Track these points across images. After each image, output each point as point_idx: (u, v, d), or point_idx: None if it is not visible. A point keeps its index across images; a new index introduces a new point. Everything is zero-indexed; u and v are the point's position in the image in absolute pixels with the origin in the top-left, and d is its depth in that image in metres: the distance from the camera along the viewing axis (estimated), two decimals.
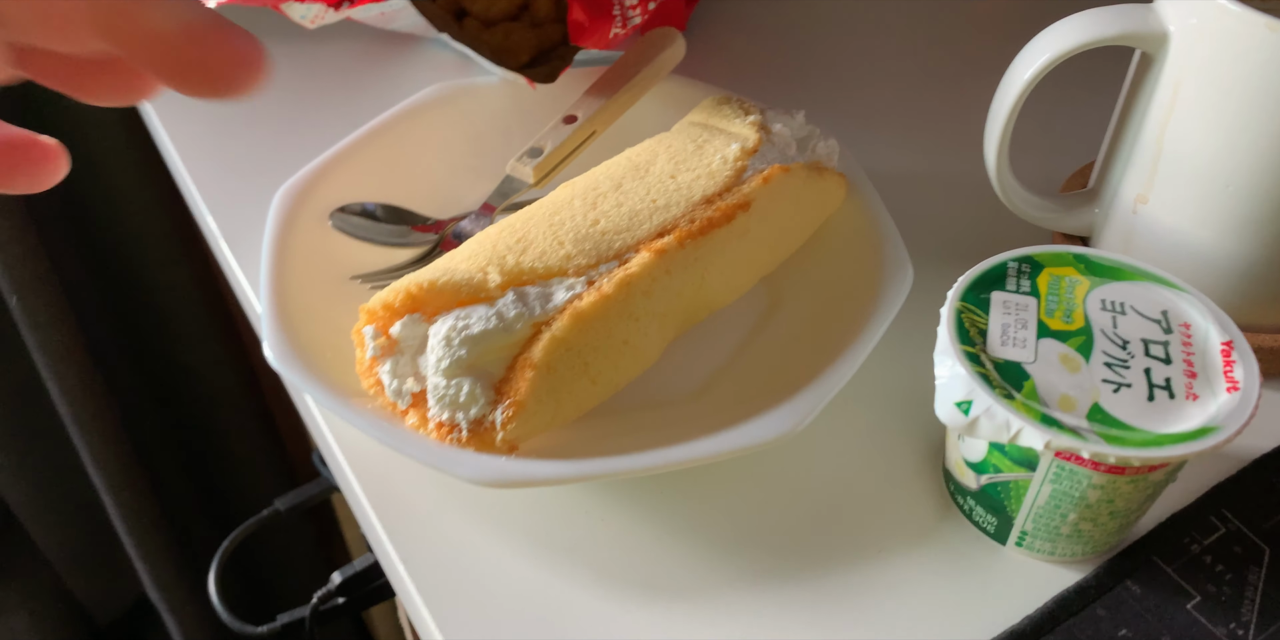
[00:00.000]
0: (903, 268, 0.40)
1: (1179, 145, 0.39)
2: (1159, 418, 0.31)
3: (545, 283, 0.35)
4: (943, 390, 0.32)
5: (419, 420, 0.33)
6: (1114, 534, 0.34)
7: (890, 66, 0.59)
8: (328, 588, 0.57)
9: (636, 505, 0.36)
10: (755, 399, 0.36)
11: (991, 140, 0.42)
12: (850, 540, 0.35)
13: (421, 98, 0.48)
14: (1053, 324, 0.33)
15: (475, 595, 0.33)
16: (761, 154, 0.41)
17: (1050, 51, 0.39)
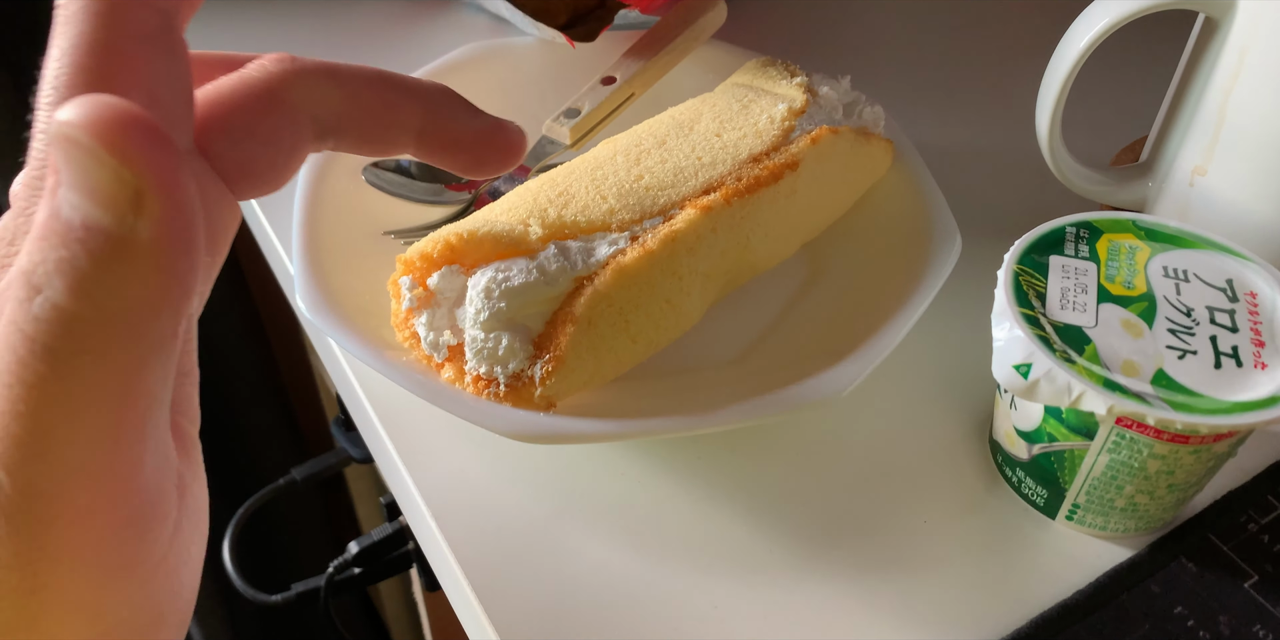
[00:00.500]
0: (950, 235, 0.39)
1: (1243, 114, 0.38)
2: (1226, 385, 0.29)
3: (587, 237, 0.34)
4: (1001, 352, 0.31)
5: (455, 374, 0.32)
6: (1169, 509, 0.33)
7: (934, 40, 0.58)
8: (344, 557, 0.56)
9: (675, 469, 0.35)
10: (799, 364, 0.35)
11: (1045, 108, 0.40)
12: (894, 510, 0.34)
13: (458, 56, 0.47)
14: (1113, 289, 0.32)
15: (508, 553, 0.32)
16: (809, 115, 0.40)
17: (1112, 14, 0.38)
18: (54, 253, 0.15)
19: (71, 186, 0.15)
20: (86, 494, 0.16)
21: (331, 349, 0.40)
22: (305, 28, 0.56)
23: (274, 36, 0.56)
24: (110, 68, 0.17)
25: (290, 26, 0.57)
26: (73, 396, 0.15)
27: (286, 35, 0.56)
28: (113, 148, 0.14)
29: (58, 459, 0.16)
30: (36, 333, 0.15)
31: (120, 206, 0.14)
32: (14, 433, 0.15)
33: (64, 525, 0.16)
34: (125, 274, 0.15)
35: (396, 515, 0.57)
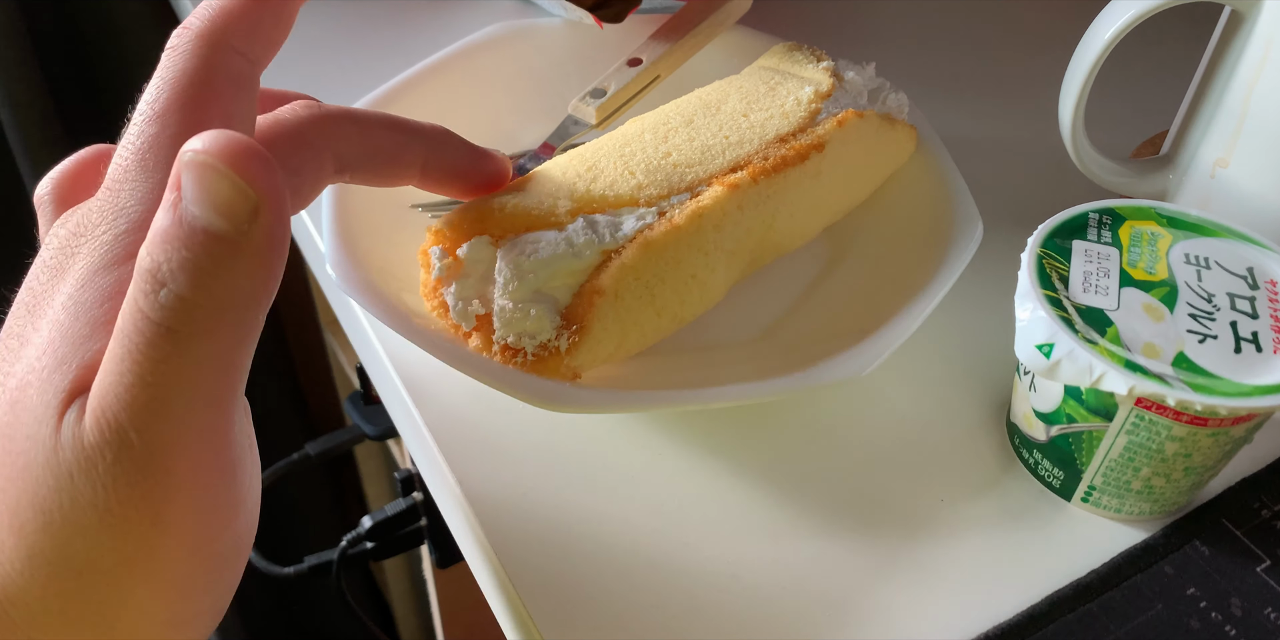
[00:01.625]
0: (972, 221, 0.39)
1: (1267, 107, 0.38)
2: (1246, 369, 0.30)
3: (615, 212, 0.34)
4: (1023, 332, 0.31)
5: (483, 343, 0.33)
6: (1185, 493, 0.33)
7: (958, 29, 0.58)
8: (357, 532, 0.56)
9: (696, 443, 0.35)
10: (821, 343, 0.35)
11: (1068, 99, 0.41)
12: (911, 489, 0.35)
13: (484, 35, 0.47)
14: (1135, 274, 0.33)
15: (532, 522, 0.33)
16: (835, 99, 0.40)
17: (1137, 7, 0.38)
18: (178, 253, 0.18)
19: (198, 201, 0.18)
20: (197, 446, 0.19)
21: (358, 321, 0.40)
22: (333, 7, 0.57)
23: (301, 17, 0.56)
24: (202, 100, 0.22)
25: (312, 11, 0.57)
26: (189, 369, 0.19)
27: (313, 16, 0.56)
28: (241, 171, 0.18)
29: (177, 419, 0.19)
30: (162, 318, 0.18)
31: (240, 217, 0.18)
32: (141, 399, 0.19)
33: (181, 472, 0.19)
34: (237, 270, 0.19)
35: (410, 491, 0.58)
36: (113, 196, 0.21)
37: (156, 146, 0.21)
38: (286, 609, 0.94)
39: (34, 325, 0.20)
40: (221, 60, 0.22)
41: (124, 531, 0.19)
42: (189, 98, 0.22)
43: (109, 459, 0.19)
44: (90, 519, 0.19)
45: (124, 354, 0.19)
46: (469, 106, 0.46)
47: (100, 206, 0.21)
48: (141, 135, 0.22)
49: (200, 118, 0.22)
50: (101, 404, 0.19)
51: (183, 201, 0.18)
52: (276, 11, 0.24)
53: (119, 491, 0.19)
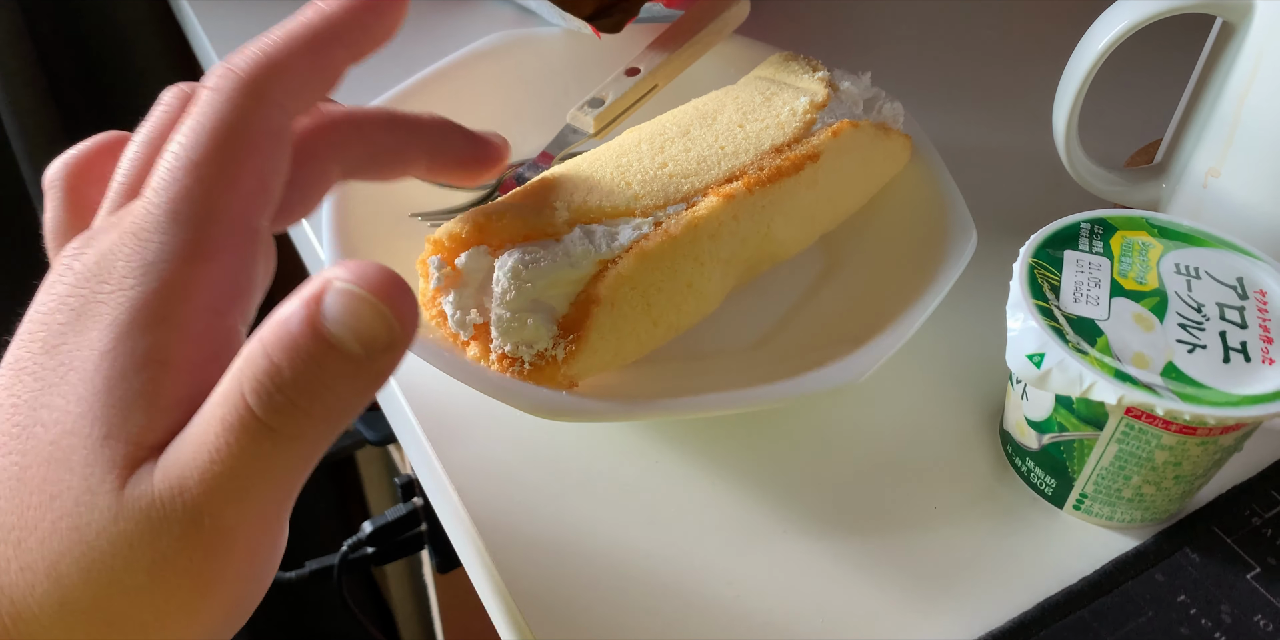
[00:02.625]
0: (967, 230, 0.39)
1: (1257, 117, 0.38)
2: (1234, 379, 0.30)
3: (612, 222, 0.34)
4: (1015, 342, 0.31)
5: (481, 352, 0.33)
6: (1175, 501, 0.33)
7: (954, 39, 0.59)
8: (358, 536, 0.57)
9: (692, 451, 0.36)
10: (816, 351, 0.36)
11: (1062, 108, 0.41)
12: (905, 497, 0.35)
13: (484, 45, 0.48)
14: (1126, 284, 0.33)
15: (529, 529, 0.33)
16: (830, 109, 0.40)
17: (1130, 17, 0.38)
18: (304, 365, 0.19)
19: (342, 324, 0.19)
20: (260, 528, 0.21)
21: None
22: None
23: None
24: (240, 156, 0.22)
25: None
26: (279, 466, 0.20)
27: None
28: (392, 307, 0.19)
29: (249, 507, 0.20)
30: (269, 419, 0.19)
31: (377, 347, 0.19)
32: (226, 487, 0.19)
33: (240, 551, 0.20)
34: (353, 389, 0.20)
35: (410, 496, 0.58)
36: (141, 247, 0.21)
37: (190, 199, 0.21)
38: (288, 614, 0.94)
39: (56, 371, 0.21)
40: (264, 114, 0.22)
41: (170, 596, 0.20)
42: (226, 152, 0.22)
43: (175, 534, 0.19)
44: (140, 581, 0.20)
45: (219, 443, 0.19)
46: (468, 115, 0.46)
47: (127, 254, 0.21)
48: (176, 183, 0.21)
49: (235, 174, 0.22)
50: (182, 482, 0.19)
51: (324, 319, 0.19)
52: (326, 71, 0.24)
53: (177, 564, 0.20)
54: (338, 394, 0.19)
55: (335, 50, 0.24)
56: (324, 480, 0.91)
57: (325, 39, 0.24)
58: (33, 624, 0.20)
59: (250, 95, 0.22)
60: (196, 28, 0.57)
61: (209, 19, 0.57)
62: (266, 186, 0.23)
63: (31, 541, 0.20)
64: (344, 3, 0.25)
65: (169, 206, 0.21)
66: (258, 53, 0.23)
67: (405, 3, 0.26)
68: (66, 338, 0.21)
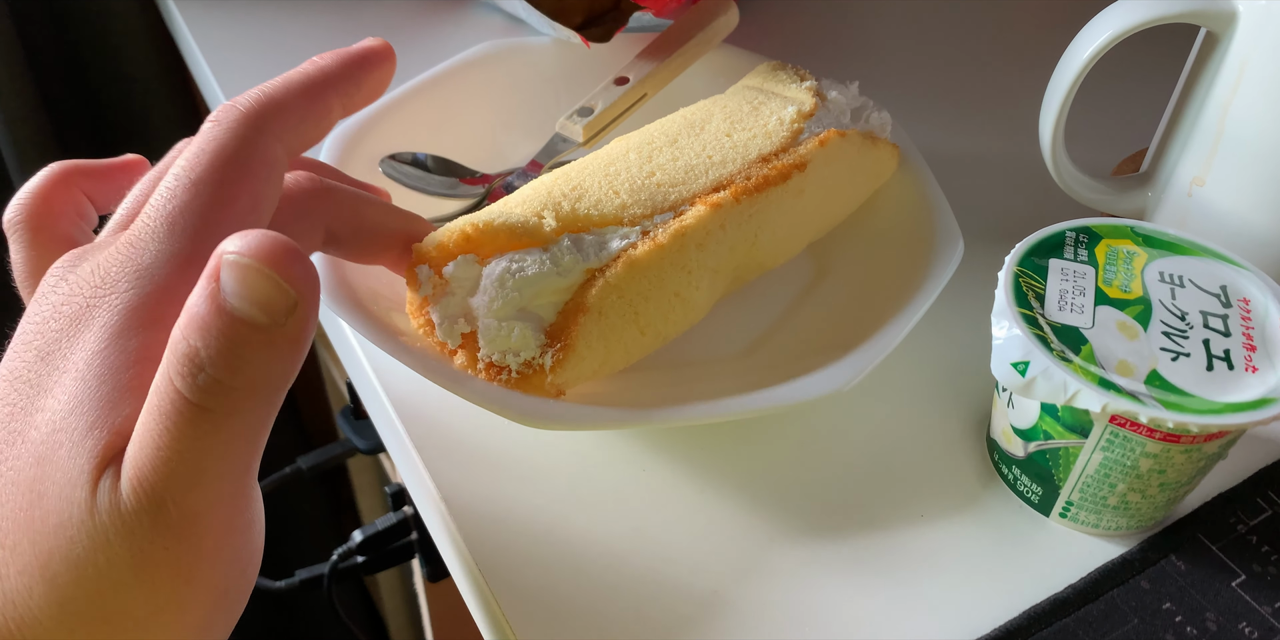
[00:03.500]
0: (953, 238, 0.40)
1: (1242, 127, 0.38)
2: (1218, 387, 0.30)
3: (600, 230, 0.35)
4: (999, 350, 0.31)
5: (468, 361, 0.33)
6: (1161, 508, 0.33)
7: (941, 48, 0.59)
8: (348, 546, 0.57)
9: (679, 459, 0.36)
10: (803, 359, 0.36)
11: (1048, 117, 0.41)
12: (892, 504, 0.35)
13: (473, 54, 0.48)
14: (1110, 292, 0.33)
15: (516, 537, 0.33)
16: (817, 118, 0.41)
17: (1115, 27, 0.39)
18: (216, 341, 0.20)
19: (240, 296, 0.20)
20: (225, 510, 0.21)
21: (346, 337, 0.41)
22: (321, 27, 0.57)
23: (289, 36, 0.57)
24: (236, 178, 0.23)
25: (306, 25, 0.58)
26: (222, 444, 0.20)
27: (302, 34, 0.57)
28: (283, 272, 0.20)
29: (210, 488, 0.21)
30: (199, 399, 0.20)
31: (278, 312, 0.20)
32: (179, 471, 0.20)
33: (211, 534, 0.21)
34: (271, 357, 0.20)
35: (401, 505, 0.58)
36: (136, 254, 0.22)
37: (186, 213, 0.23)
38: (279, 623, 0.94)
39: (51, 375, 0.21)
40: (261, 144, 0.24)
41: (156, 587, 0.21)
42: (224, 173, 0.23)
43: (146, 524, 0.20)
44: (126, 576, 0.20)
45: (161, 430, 0.20)
46: (458, 124, 0.46)
47: (121, 261, 0.22)
48: (175, 199, 0.23)
49: (231, 194, 0.23)
50: (139, 474, 0.20)
51: (222, 294, 0.20)
52: (320, 114, 0.26)
53: (155, 554, 0.20)
54: (257, 364, 0.20)
55: (329, 97, 0.27)
56: (314, 489, 0.91)
57: (320, 86, 0.26)
58: (36, 628, 0.20)
59: (250, 126, 0.24)
60: (187, 36, 0.57)
61: (200, 28, 0.57)
62: (259, 207, 0.24)
63: (25, 543, 0.20)
64: (338, 58, 0.27)
65: (166, 219, 0.22)
66: (258, 92, 0.25)
67: (393, 62, 0.29)
68: (61, 344, 0.21)
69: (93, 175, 0.29)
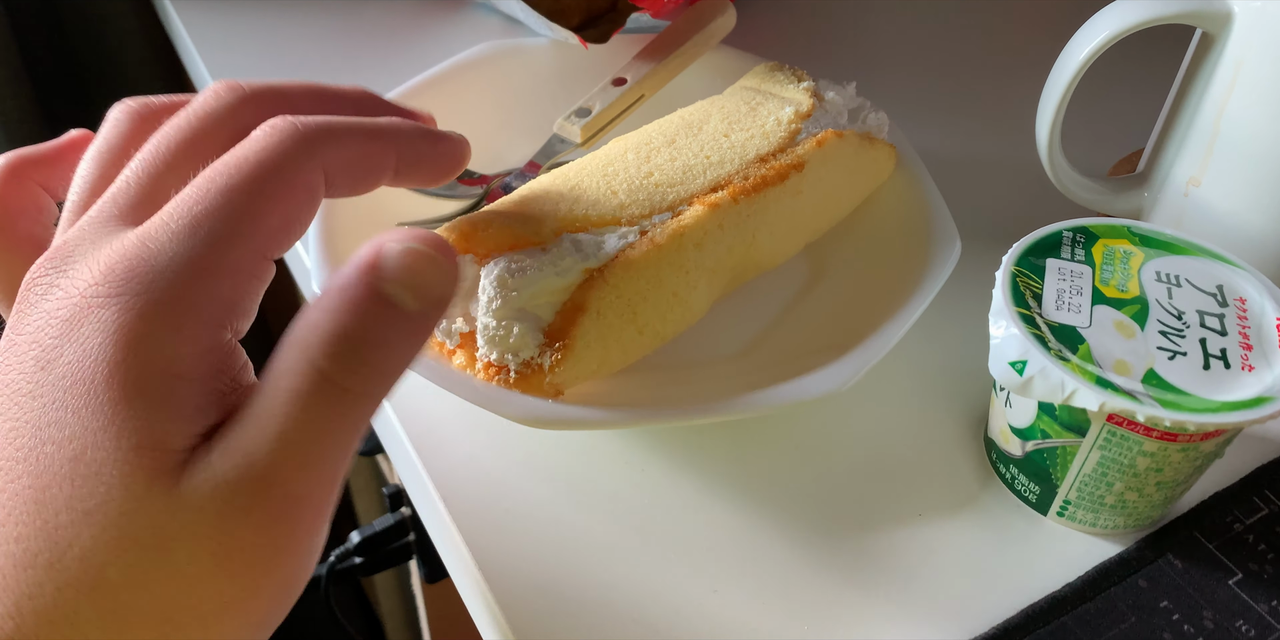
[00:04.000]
0: (950, 239, 0.40)
1: (1237, 127, 0.39)
2: (1214, 386, 0.30)
3: (598, 230, 0.35)
4: (997, 350, 0.32)
5: (467, 360, 0.33)
6: (1158, 507, 0.34)
7: (938, 49, 0.59)
8: (345, 546, 0.57)
9: (678, 459, 0.36)
10: (800, 359, 0.36)
11: (1045, 118, 0.41)
12: (890, 504, 0.35)
13: (471, 55, 0.48)
14: (1107, 292, 0.33)
15: (515, 537, 0.33)
16: (815, 119, 0.41)
17: (1111, 28, 0.39)
18: (371, 322, 0.20)
19: (407, 285, 0.21)
20: (326, 494, 0.21)
21: None
22: (318, 27, 0.57)
23: (288, 37, 0.57)
24: (276, 190, 0.22)
25: (303, 26, 0.58)
26: (348, 427, 0.21)
27: (300, 35, 0.57)
28: (450, 264, 0.21)
29: (317, 471, 0.21)
30: (343, 378, 0.20)
31: (429, 300, 0.21)
32: (295, 452, 0.20)
33: (306, 518, 0.21)
34: (412, 343, 0.21)
35: (398, 506, 0.58)
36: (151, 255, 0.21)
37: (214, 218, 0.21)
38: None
39: (57, 386, 0.20)
40: (310, 168, 0.23)
41: (235, 577, 0.20)
42: (265, 187, 0.22)
43: (244, 507, 0.20)
44: (205, 567, 0.20)
45: (290, 413, 0.20)
46: (455, 125, 0.46)
47: (133, 260, 0.21)
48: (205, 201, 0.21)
49: (266, 209, 0.22)
50: (249, 461, 0.20)
51: (382, 280, 0.20)
52: (374, 165, 0.25)
53: (245, 538, 0.20)
54: (400, 349, 0.21)
55: (389, 154, 0.25)
56: None
57: (386, 140, 0.25)
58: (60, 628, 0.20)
59: (304, 146, 0.23)
60: (185, 38, 0.57)
61: (197, 29, 0.57)
62: (289, 230, 0.23)
63: (68, 559, 0.19)
64: (417, 129, 0.26)
65: (192, 221, 0.21)
66: (324, 120, 0.24)
67: (463, 160, 0.28)
68: (62, 351, 0.20)
69: (43, 163, 0.27)
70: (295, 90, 0.26)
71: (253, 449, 0.20)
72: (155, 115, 0.25)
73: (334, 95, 0.27)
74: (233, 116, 0.24)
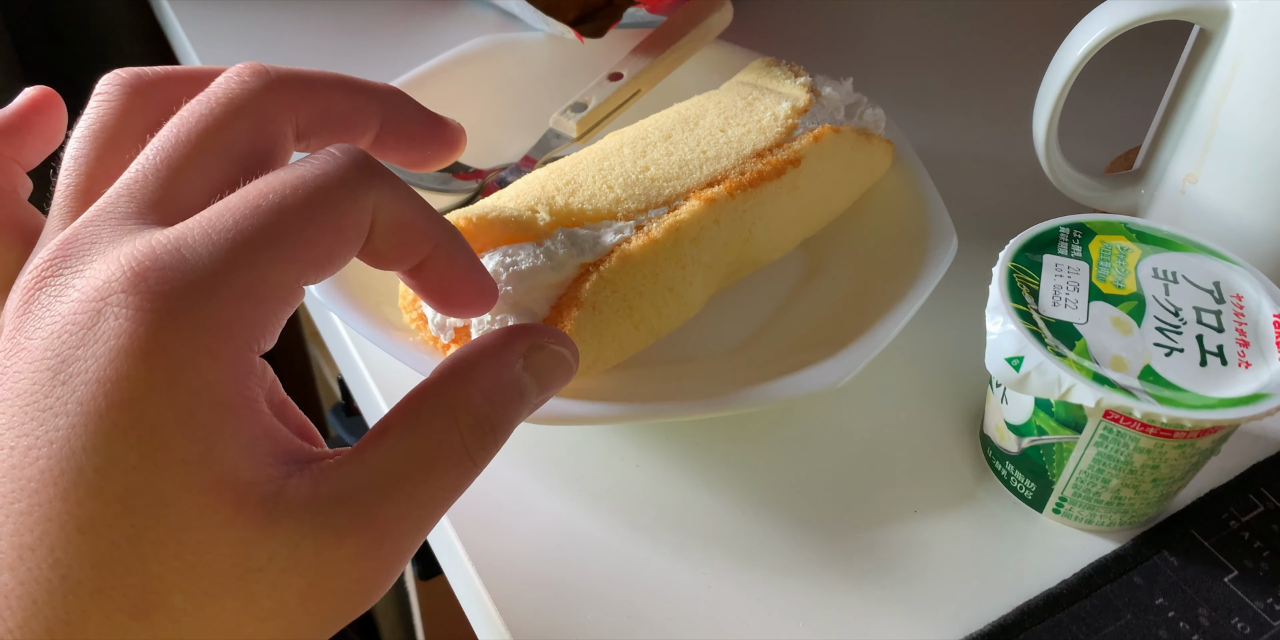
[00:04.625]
0: (947, 235, 0.40)
1: (1234, 124, 0.39)
2: (1211, 382, 0.30)
3: (594, 225, 0.34)
4: (994, 346, 0.31)
5: None
6: (1154, 504, 0.33)
7: (935, 46, 0.59)
8: None
9: (673, 455, 0.36)
10: (796, 355, 0.36)
11: (1042, 114, 0.41)
12: (885, 500, 0.35)
13: (467, 48, 0.48)
14: (1104, 288, 0.33)
15: (509, 533, 0.33)
16: (812, 114, 0.41)
17: (1109, 23, 0.39)
18: (509, 410, 0.22)
19: (544, 383, 0.23)
20: (412, 552, 0.22)
21: (338, 332, 0.41)
22: (314, 23, 0.57)
23: (283, 32, 0.56)
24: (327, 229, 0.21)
25: (299, 22, 0.57)
26: (456, 496, 0.22)
27: (298, 28, 0.57)
28: (572, 371, 0.24)
29: (425, 533, 0.22)
30: (477, 454, 0.22)
31: (547, 394, 0.24)
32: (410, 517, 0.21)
33: (397, 573, 0.21)
34: (517, 424, 0.23)
35: None
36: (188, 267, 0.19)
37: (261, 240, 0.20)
38: None
39: (83, 404, 0.18)
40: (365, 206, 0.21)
41: (313, 614, 0.20)
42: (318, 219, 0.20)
43: (349, 556, 0.20)
44: (287, 602, 0.20)
45: (424, 477, 0.21)
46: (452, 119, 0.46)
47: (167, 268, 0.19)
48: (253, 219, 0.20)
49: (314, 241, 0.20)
50: (367, 511, 0.20)
51: (521, 371, 0.23)
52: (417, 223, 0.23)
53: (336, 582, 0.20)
54: (512, 430, 0.23)
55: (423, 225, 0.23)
56: None
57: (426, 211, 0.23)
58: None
59: (363, 184, 0.21)
60: (180, 34, 0.57)
61: (192, 24, 0.56)
62: (328, 265, 0.21)
63: (126, 587, 0.19)
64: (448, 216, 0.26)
65: (239, 236, 0.19)
66: (383, 165, 0.22)
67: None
68: (86, 365, 0.18)
69: (7, 132, 0.25)
70: (323, 81, 0.24)
71: (371, 501, 0.20)
72: (150, 89, 0.24)
73: (362, 88, 0.25)
74: (258, 106, 0.22)
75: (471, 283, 0.24)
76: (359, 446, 0.21)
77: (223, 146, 0.22)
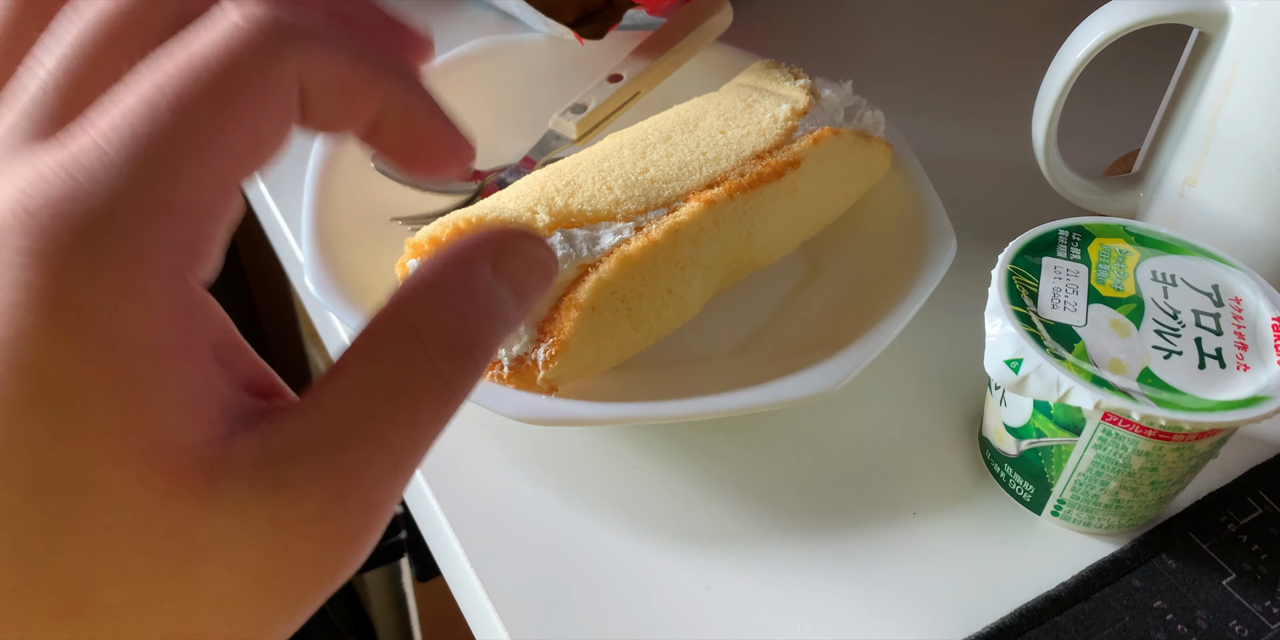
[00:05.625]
0: (946, 238, 0.40)
1: (1233, 128, 0.39)
2: (1209, 385, 0.30)
3: (593, 226, 0.34)
4: (993, 348, 0.31)
5: None
6: (1152, 506, 0.34)
7: (935, 48, 0.59)
8: None
9: (672, 456, 0.36)
10: (795, 357, 0.36)
11: (1041, 117, 0.41)
12: (884, 502, 0.35)
13: (467, 50, 0.48)
14: (1103, 291, 0.33)
15: (508, 534, 0.33)
16: (811, 116, 0.41)
17: (1108, 27, 0.39)
18: (484, 325, 0.19)
19: (522, 295, 0.20)
20: (396, 501, 0.19)
21: (338, 334, 0.41)
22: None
23: None
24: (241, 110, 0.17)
25: None
26: (437, 430, 0.19)
27: None
28: (554, 275, 0.21)
29: (408, 477, 0.19)
30: (453, 379, 0.18)
31: (526, 303, 0.20)
32: (383, 461, 0.18)
33: (377, 531, 0.19)
34: (500, 342, 0.20)
35: None
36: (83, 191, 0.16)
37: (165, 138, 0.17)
38: None
39: None
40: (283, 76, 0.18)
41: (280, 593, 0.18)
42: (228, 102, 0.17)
43: (311, 516, 0.17)
44: (243, 583, 0.17)
45: (395, 412, 0.18)
46: None
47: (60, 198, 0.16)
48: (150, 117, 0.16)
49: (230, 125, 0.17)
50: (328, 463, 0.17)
51: (489, 279, 0.19)
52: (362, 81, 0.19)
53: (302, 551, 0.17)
54: (494, 349, 0.19)
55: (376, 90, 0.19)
56: None
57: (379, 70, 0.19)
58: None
59: (274, 46, 0.17)
60: None
61: None
62: (256, 153, 0.18)
63: (47, 583, 0.16)
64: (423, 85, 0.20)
65: (135, 144, 0.16)
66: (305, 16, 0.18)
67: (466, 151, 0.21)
68: None
69: None
70: None
71: (330, 448, 0.17)
72: None
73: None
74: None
75: (436, 133, 0.20)
76: (313, 388, 0.18)
77: (145, 30, 0.18)
